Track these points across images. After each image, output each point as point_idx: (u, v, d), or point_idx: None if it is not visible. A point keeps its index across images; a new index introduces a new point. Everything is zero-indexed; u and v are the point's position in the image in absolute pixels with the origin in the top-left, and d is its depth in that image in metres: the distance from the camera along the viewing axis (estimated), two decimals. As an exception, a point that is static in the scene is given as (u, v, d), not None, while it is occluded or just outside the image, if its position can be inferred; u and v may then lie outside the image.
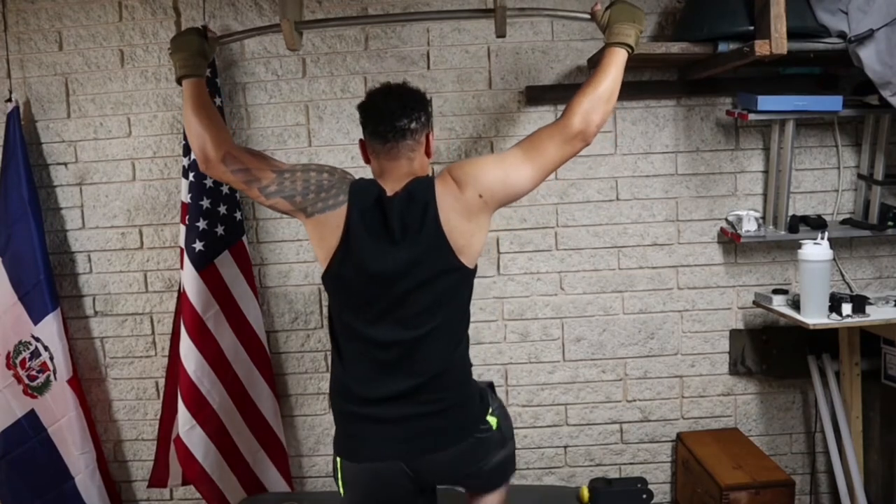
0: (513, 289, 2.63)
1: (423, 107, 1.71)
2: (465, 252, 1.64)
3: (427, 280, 1.63)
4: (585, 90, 1.68)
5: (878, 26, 2.04)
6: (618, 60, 1.72)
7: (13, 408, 2.54)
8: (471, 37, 2.54)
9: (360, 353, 1.68)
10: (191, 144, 1.78)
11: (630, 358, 2.66)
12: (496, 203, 1.67)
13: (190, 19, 2.54)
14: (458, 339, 1.73)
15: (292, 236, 2.63)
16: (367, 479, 1.70)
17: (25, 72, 2.59)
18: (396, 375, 1.65)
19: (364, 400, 1.67)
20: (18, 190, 2.47)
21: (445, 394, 1.69)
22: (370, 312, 1.66)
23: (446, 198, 1.63)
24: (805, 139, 2.55)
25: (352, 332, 1.69)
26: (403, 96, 1.68)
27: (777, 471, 2.35)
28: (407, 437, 1.67)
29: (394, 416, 1.66)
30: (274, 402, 2.61)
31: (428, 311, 1.65)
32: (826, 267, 2.17)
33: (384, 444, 1.67)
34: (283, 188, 1.68)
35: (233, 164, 1.72)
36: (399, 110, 1.65)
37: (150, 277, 2.67)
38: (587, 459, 2.71)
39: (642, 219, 2.59)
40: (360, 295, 1.66)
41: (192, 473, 2.46)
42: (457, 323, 1.72)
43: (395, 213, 1.62)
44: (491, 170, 1.66)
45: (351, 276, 1.65)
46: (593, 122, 1.65)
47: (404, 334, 1.64)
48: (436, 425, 1.68)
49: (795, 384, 2.66)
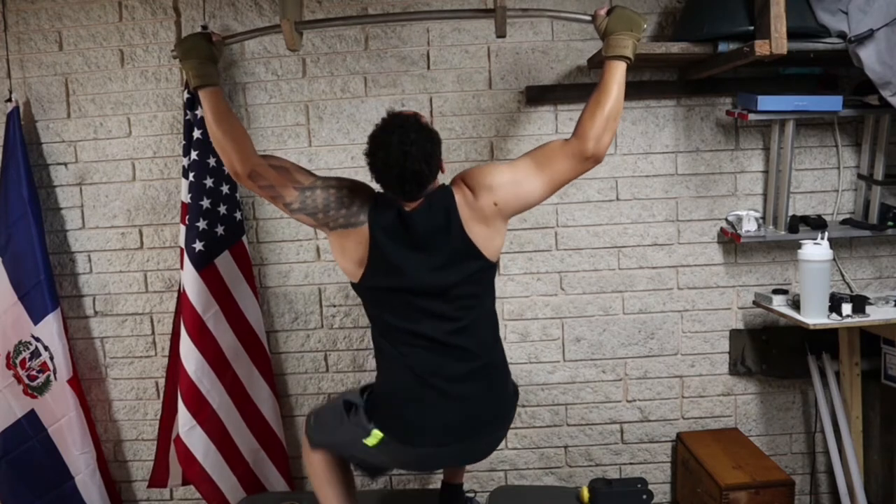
0: (513, 289, 2.63)
1: (439, 149, 1.69)
2: (487, 251, 1.72)
3: (460, 280, 1.71)
4: (594, 111, 1.71)
5: (878, 26, 2.04)
6: (618, 75, 1.74)
7: (13, 408, 2.55)
8: (471, 37, 2.54)
9: (408, 344, 1.74)
10: (221, 158, 1.82)
11: (630, 358, 2.66)
12: (510, 211, 1.74)
13: (190, 19, 2.54)
14: (495, 326, 1.84)
15: (292, 236, 2.63)
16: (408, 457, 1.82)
17: (25, 72, 2.59)
18: (448, 364, 1.72)
19: (421, 381, 1.71)
20: (18, 190, 2.47)
21: (494, 379, 1.80)
22: (412, 313, 1.72)
23: (464, 206, 1.69)
24: (805, 139, 2.55)
25: (396, 330, 1.75)
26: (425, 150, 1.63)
27: (777, 471, 2.35)
28: (465, 421, 1.74)
29: (454, 397, 1.72)
30: (274, 402, 2.61)
31: (465, 306, 1.73)
32: (826, 267, 2.18)
33: (445, 430, 1.73)
34: (306, 205, 1.74)
35: (259, 180, 1.77)
36: (426, 170, 1.64)
37: (150, 277, 2.67)
38: (587, 460, 2.72)
39: (642, 219, 2.60)
40: (399, 301, 1.73)
41: (192, 473, 2.46)
42: (490, 312, 1.82)
43: (420, 225, 1.68)
44: (504, 178, 1.71)
45: (387, 286, 1.72)
46: (605, 143, 1.71)
47: (448, 326, 1.71)
48: (490, 410, 1.78)
49: (795, 384, 2.67)
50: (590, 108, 1.72)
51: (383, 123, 1.66)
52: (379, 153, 1.62)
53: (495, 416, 1.81)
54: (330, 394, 2.71)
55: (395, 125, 1.63)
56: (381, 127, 1.66)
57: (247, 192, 2.60)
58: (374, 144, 1.64)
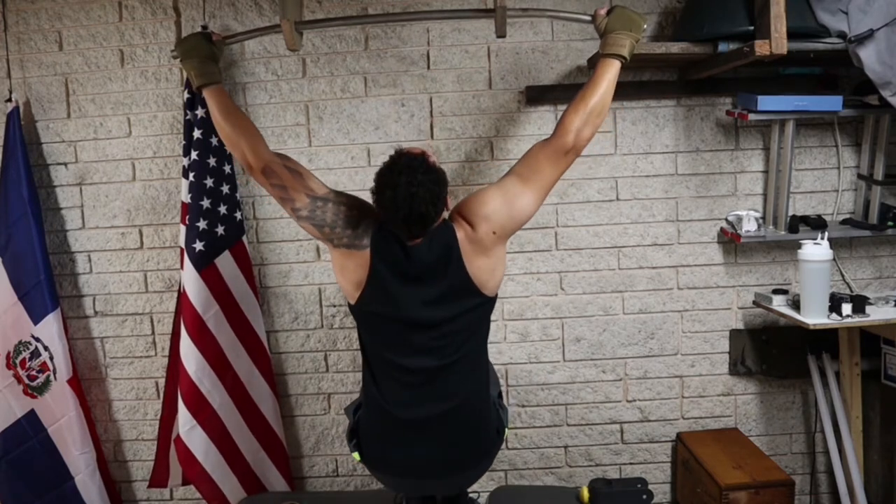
0: (513, 289, 2.63)
1: (445, 189, 1.67)
2: (487, 286, 1.73)
3: (454, 316, 1.71)
4: (577, 106, 1.71)
5: (878, 26, 2.04)
6: (610, 72, 1.74)
7: (13, 408, 2.54)
8: (471, 37, 2.54)
9: (391, 377, 1.77)
10: (233, 153, 1.82)
11: (630, 358, 2.66)
12: (509, 233, 1.75)
13: (190, 19, 2.54)
14: (481, 366, 1.84)
15: (292, 236, 2.63)
16: (385, 482, 1.90)
17: (25, 72, 2.59)
18: (427, 400, 1.74)
19: (395, 421, 1.76)
20: (18, 190, 2.47)
21: (468, 420, 1.78)
22: (401, 345, 1.73)
23: (465, 242, 1.70)
24: (805, 139, 2.55)
25: (383, 358, 1.77)
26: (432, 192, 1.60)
27: (777, 471, 2.35)
28: (430, 463, 1.78)
29: (420, 441, 1.76)
30: (274, 402, 2.61)
31: (454, 343, 1.73)
32: (826, 267, 2.18)
33: (407, 467, 1.79)
34: (314, 216, 1.74)
35: (272, 177, 1.77)
36: (432, 212, 1.62)
37: (150, 277, 2.67)
38: (587, 459, 2.72)
39: (642, 219, 2.60)
40: (389, 331, 1.74)
41: (192, 473, 2.46)
42: (479, 350, 1.83)
43: (419, 261, 1.68)
44: (496, 204, 1.71)
45: (381, 315, 1.73)
46: (584, 137, 1.72)
47: (434, 363, 1.72)
48: (459, 453, 1.79)
49: (795, 384, 2.66)
50: (574, 102, 1.73)
51: (391, 162, 1.63)
52: (386, 192, 1.60)
53: (466, 457, 1.80)
54: (331, 394, 2.71)
55: (403, 165, 1.60)
56: (388, 166, 1.63)
57: (247, 192, 2.60)
58: (382, 184, 1.62)
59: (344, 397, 2.70)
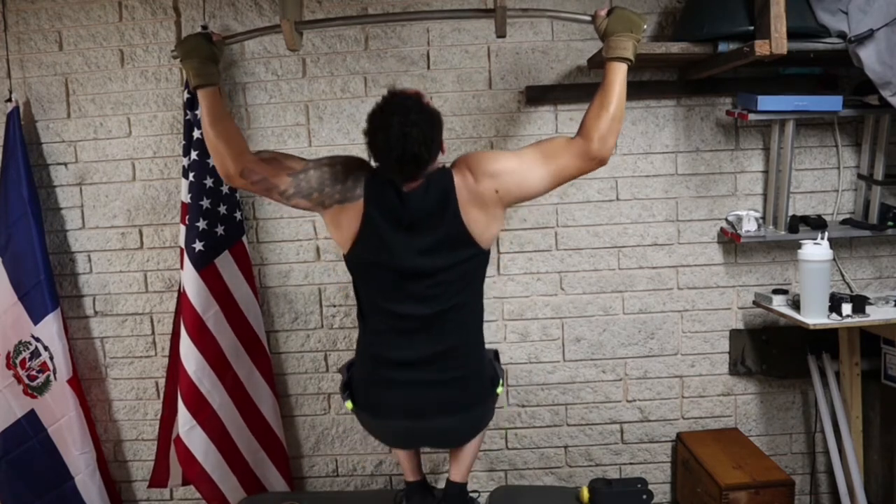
0: (513, 289, 2.63)
1: (440, 131, 1.67)
2: (482, 238, 1.72)
3: (447, 265, 1.71)
4: (599, 112, 1.70)
5: (878, 26, 2.04)
6: (620, 76, 1.74)
7: (13, 408, 2.54)
8: (471, 37, 2.54)
9: (384, 323, 1.78)
10: (213, 159, 1.82)
11: (630, 358, 2.66)
12: (510, 199, 1.73)
13: (190, 19, 2.54)
14: (475, 314, 1.84)
15: (292, 236, 2.63)
16: (376, 429, 1.93)
17: (25, 72, 2.59)
18: (418, 344, 1.75)
19: (387, 362, 1.78)
20: (18, 190, 2.47)
21: (461, 364, 1.79)
22: (393, 293, 1.74)
23: (463, 190, 1.68)
24: (805, 139, 2.55)
25: (376, 306, 1.79)
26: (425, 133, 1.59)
27: (777, 471, 2.35)
28: (420, 402, 1.78)
29: (411, 381, 1.77)
30: (274, 402, 2.61)
31: (448, 292, 1.73)
32: (826, 267, 2.18)
33: (397, 408, 1.79)
34: (301, 189, 1.74)
35: (251, 175, 1.76)
36: (426, 153, 1.60)
37: (150, 277, 2.67)
38: (587, 459, 2.72)
39: (642, 219, 2.60)
40: (383, 279, 1.74)
41: (192, 473, 2.46)
42: (474, 301, 1.82)
43: (415, 207, 1.68)
44: (509, 166, 1.71)
45: (374, 263, 1.73)
46: (609, 145, 1.71)
47: (426, 310, 1.73)
48: (449, 394, 1.79)
49: (795, 384, 2.66)
50: (594, 109, 1.71)
51: (384, 103, 1.62)
52: (378, 134, 1.59)
53: (457, 398, 1.80)
54: (331, 394, 2.71)
55: (396, 105, 1.59)
56: (381, 106, 1.62)
57: (247, 191, 2.59)
58: (374, 125, 1.61)
59: (344, 397, 2.70)
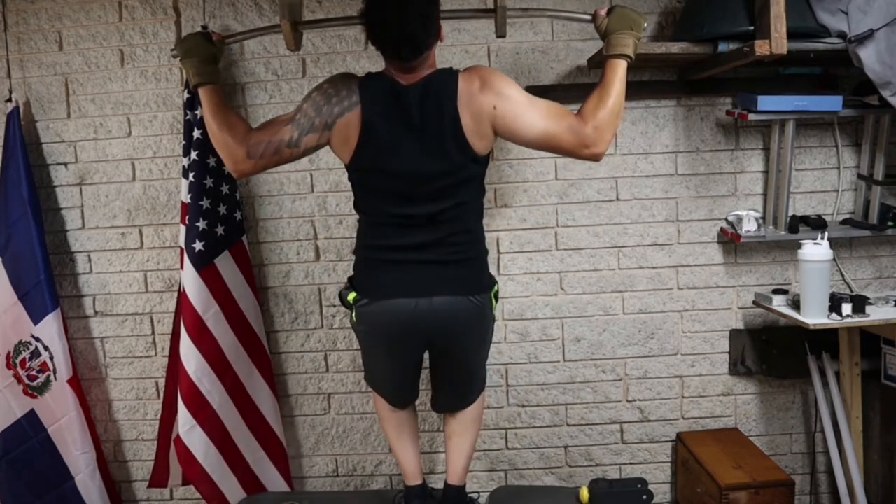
0: (512, 289, 2.63)
1: (437, 9, 1.67)
2: (476, 145, 1.72)
3: (447, 169, 1.72)
4: (598, 104, 1.70)
5: (878, 26, 2.04)
6: (620, 73, 1.74)
7: (13, 408, 2.54)
8: (471, 37, 2.54)
9: (385, 221, 1.81)
10: (219, 152, 1.82)
11: (630, 358, 2.66)
12: (500, 125, 1.71)
13: (190, 19, 2.54)
14: (475, 212, 1.87)
15: (292, 236, 2.63)
16: (379, 316, 1.86)
17: (25, 72, 2.59)
18: (418, 232, 1.78)
19: (388, 247, 1.81)
20: (18, 190, 2.47)
21: (461, 250, 1.82)
22: (394, 194, 1.76)
23: (465, 95, 1.68)
24: (805, 139, 2.55)
25: (378, 208, 1.82)
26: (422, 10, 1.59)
27: (777, 471, 2.35)
28: (422, 278, 1.80)
29: (413, 260, 1.80)
30: (274, 402, 2.61)
31: (448, 191, 1.75)
32: (826, 267, 2.18)
33: (399, 285, 1.80)
34: (303, 126, 1.74)
35: (257, 147, 1.76)
36: (422, 32, 1.60)
37: (150, 277, 2.67)
38: (587, 459, 2.72)
39: (642, 219, 2.59)
40: (383, 182, 1.75)
41: (192, 473, 2.46)
42: (473, 200, 1.84)
43: (413, 103, 1.67)
44: (516, 96, 1.72)
45: (377, 167, 1.73)
46: (604, 138, 1.70)
47: (426, 209, 1.76)
48: (449, 273, 1.81)
49: (795, 384, 2.66)
50: (592, 100, 1.72)
51: None
52: (374, 13, 1.59)
53: (457, 281, 1.82)
54: (331, 394, 2.71)
55: None
56: None
57: (247, 192, 2.60)
58: (370, 4, 1.60)
59: (344, 397, 2.70)
